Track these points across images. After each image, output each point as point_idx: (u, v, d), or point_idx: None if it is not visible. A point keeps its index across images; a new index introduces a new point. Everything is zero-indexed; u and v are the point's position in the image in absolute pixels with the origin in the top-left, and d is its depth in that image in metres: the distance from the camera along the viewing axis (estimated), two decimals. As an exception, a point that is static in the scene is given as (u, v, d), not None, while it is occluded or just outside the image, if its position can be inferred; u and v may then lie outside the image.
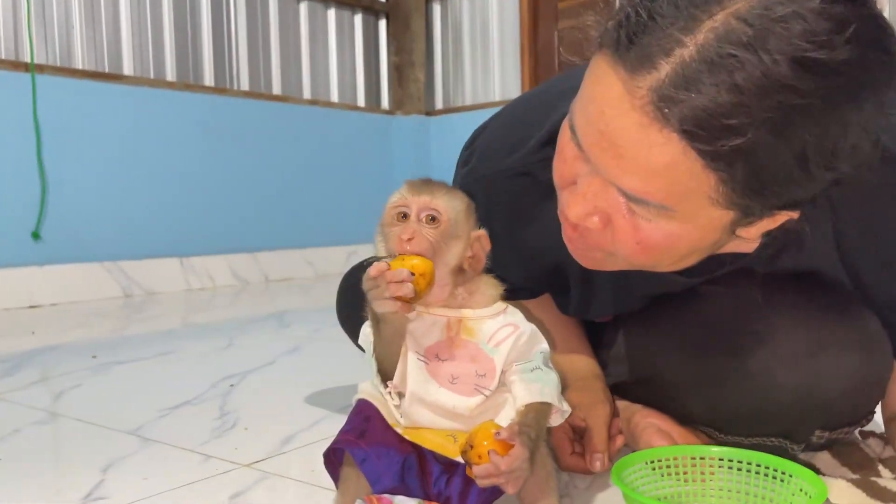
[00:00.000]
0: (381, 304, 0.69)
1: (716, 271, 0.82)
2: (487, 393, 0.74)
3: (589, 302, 0.93)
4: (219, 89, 3.60)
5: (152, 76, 3.37)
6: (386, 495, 0.72)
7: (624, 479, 0.76)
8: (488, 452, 0.67)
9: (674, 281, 0.85)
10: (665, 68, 0.54)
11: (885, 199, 0.74)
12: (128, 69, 3.29)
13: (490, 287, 0.77)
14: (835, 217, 0.77)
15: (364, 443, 0.75)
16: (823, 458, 0.90)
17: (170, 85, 3.40)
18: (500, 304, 0.77)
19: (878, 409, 0.92)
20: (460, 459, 0.75)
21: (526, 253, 0.91)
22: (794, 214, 0.63)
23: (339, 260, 4.12)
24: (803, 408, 0.80)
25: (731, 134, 0.53)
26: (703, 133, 0.54)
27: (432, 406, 0.75)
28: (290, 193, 3.88)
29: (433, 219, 0.73)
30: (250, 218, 3.70)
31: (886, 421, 0.91)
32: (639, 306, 0.93)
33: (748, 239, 0.66)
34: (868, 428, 0.95)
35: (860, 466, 0.87)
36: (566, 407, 0.76)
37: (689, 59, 0.54)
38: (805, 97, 0.52)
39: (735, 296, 0.84)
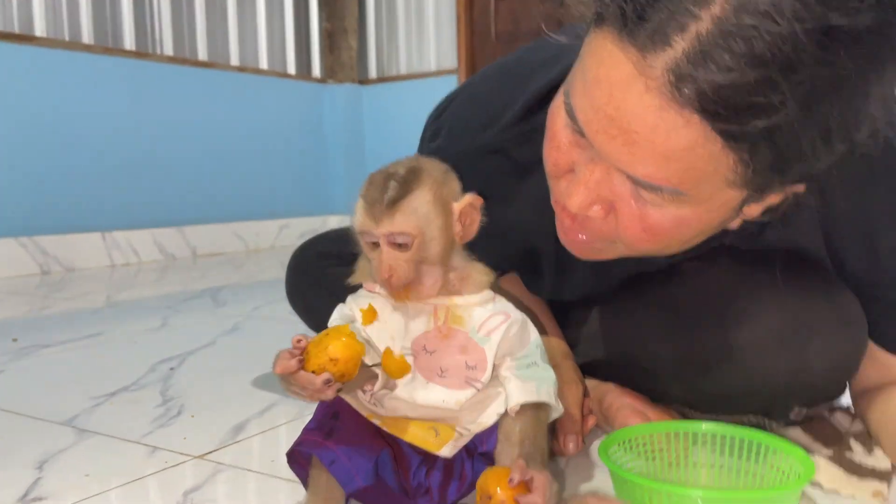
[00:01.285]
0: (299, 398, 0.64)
1: (700, 249, 0.80)
2: (479, 386, 0.69)
3: (563, 284, 0.90)
4: (140, 53, 3.40)
5: (67, 38, 3.16)
6: None
7: (610, 457, 0.74)
8: (514, 499, 0.61)
9: (654, 260, 0.82)
10: (681, 44, 0.50)
11: (874, 182, 0.72)
12: (40, 30, 3.07)
13: (481, 273, 0.72)
14: (821, 197, 0.75)
15: (332, 443, 0.70)
16: (795, 434, 0.90)
17: (87, 48, 3.19)
18: (490, 293, 0.73)
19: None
20: (441, 454, 0.70)
21: (498, 235, 0.87)
22: (801, 188, 0.60)
23: (271, 234, 4.00)
24: (790, 387, 0.79)
25: (759, 112, 0.49)
26: (726, 113, 0.50)
27: (419, 407, 0.70)
28: (217, 164, 3.73)
29: (402, 244, 0.66)
30: (176, 190, 3.54)
31: (854, 396, 0.91)
32: (615, 286, 0.90)
33: (751, 216, 0.64)
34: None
35: (832, 441, 0.87)
36: (561, 407, 0.72)
37: (707, 33, 0.50)
38: (831, 67, 0.49)
39: (718, 273, 0.82)
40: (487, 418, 0.70)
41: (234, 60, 3.91)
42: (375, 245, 0.67)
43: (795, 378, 0.78)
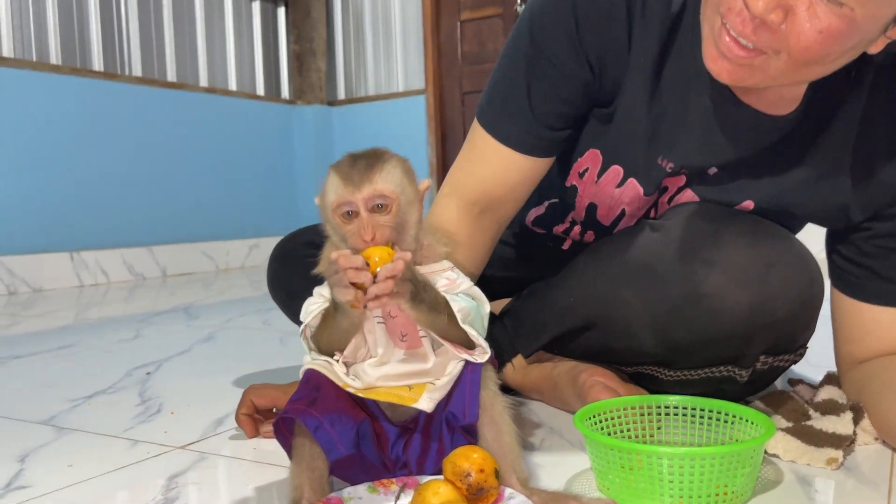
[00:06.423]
0: (339, 291, 0.67)
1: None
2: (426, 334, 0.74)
3: None
4: (109, 74, 3.41)
5: (34, 58, 3.16)
6: (334, 494, 0.70)
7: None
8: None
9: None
10: None
11: None
12: (7, 50, 3.06)
13: (439, 244, 0.78)
14: (867, 102, 0.83)
15: (315, 410, 0.73)
16: (756, 407, 0.94)
17: (54, 69, 3.19)
18: (448, 262, 0.77)
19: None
20: (419, 406, 0.73)
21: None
22: None
23: (241, 254, 4.00)
24: (753, 328, 0.84)
25: None
26: None
27: (397, 374, 0.74)
28: (187, 184, 3.73)
29: (382, 206, 0.71)
30: (145, 210, 3.53)
31: (848, 369, 0.96)
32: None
33: (892, 39, 0.71)
34: (796, 377, 1.01)
35: (792, 412, 0.92)
36: (483, 342, 0.75)
37: None
38: None
39: (686, 227, 0.88)
40: (454, 367, 0.74)
41: (204, 82, 3.93)
42: (352, 217, 0.70)
43: (758, 318, 0.83)
